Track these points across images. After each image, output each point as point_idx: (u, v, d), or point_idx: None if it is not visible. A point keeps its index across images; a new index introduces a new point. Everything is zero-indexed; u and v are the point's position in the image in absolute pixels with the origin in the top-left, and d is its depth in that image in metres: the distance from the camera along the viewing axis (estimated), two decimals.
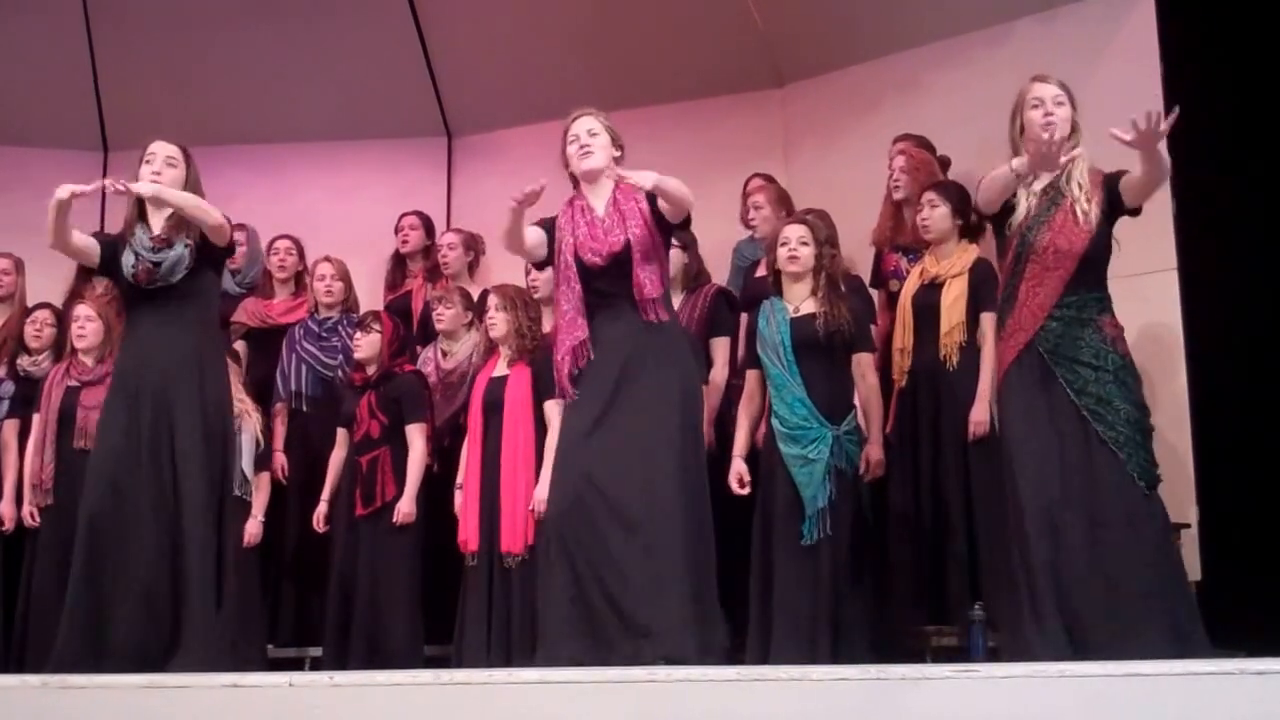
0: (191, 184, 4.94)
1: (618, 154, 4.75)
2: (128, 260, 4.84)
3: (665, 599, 4.32)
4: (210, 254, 4.93)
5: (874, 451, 5.28)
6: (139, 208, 4.96)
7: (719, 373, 5.90)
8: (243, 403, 6.28)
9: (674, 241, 6.12)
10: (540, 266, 5.55)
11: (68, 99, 8.19)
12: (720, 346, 5.96)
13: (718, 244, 6.65)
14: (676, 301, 5.97)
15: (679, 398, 4.58)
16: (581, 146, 4.71)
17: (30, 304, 6.88)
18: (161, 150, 4.95)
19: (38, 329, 6.64)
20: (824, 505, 5.16)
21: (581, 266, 4.65)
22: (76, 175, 7.92)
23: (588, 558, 4.37)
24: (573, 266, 4.66)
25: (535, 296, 6.16)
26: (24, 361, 6.62)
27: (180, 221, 4.88)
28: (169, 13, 7.93)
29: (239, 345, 6.92)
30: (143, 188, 4.82)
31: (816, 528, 5.15)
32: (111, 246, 4.93)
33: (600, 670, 3.35)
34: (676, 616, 4.31)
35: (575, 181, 4.81)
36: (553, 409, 5.52)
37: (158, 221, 4.93)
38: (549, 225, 4.77)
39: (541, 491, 5.33)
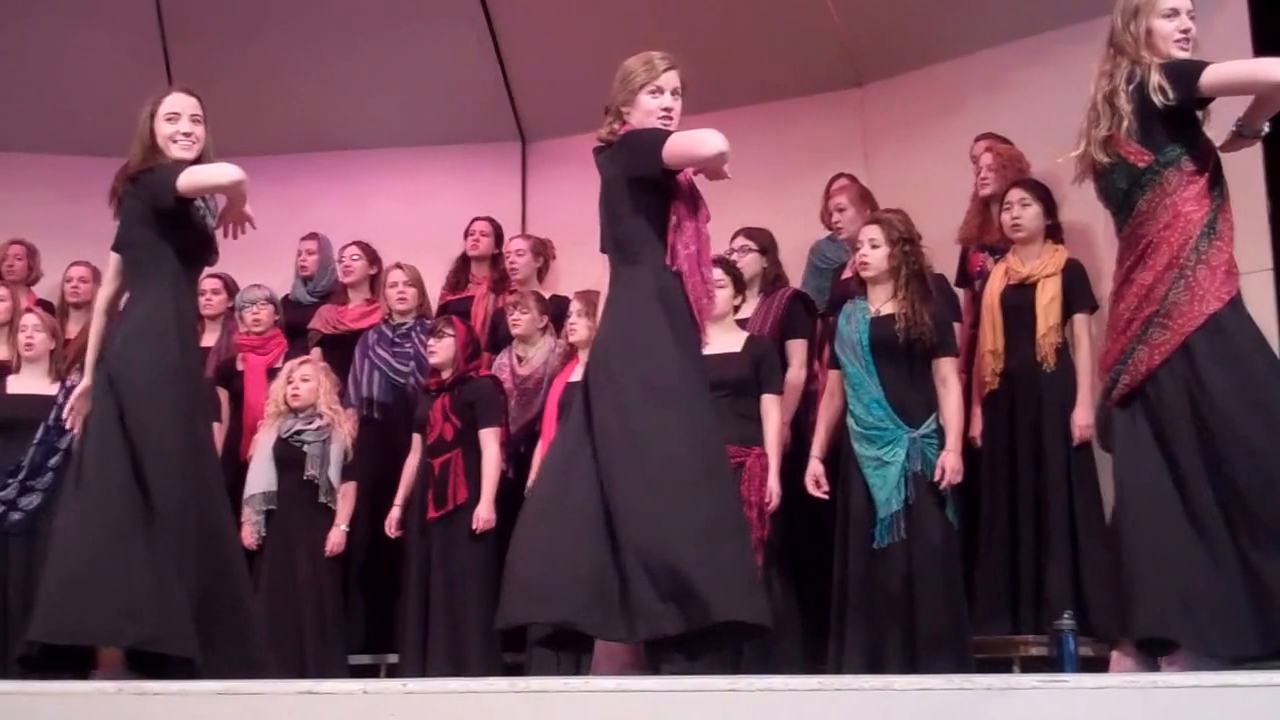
0: (208, 142, 4.58)
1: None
2: (208, 223, 4.53)
3: None
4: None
5: (950, 459, 5.21)
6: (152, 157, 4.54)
7: (796, 375, 5.87)
8: (334, 411, 6.35)
9: (750, 245, 6.12)
10: None
11: (141, 109, 8.29)
12: (797, 349, 5.94)
13: (797, 246, 6.63)
14: (752, 305, 5.97)
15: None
16: (667, 109, 4.26)
17: None
18: (186, 106, 4.53)
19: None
20: (898, 509, 5.13)
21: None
22: None
23: None
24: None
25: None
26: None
27: None
28: (243, 23, 8.03)
29: (315, 352, 6.98)
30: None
31: (889, 532, 5.12)
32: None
33: (679, 680, 3.33)
34: None
35: None
36: None
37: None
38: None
39: None
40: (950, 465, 5.19)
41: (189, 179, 4.34)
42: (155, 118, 4.51)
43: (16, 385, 6.37)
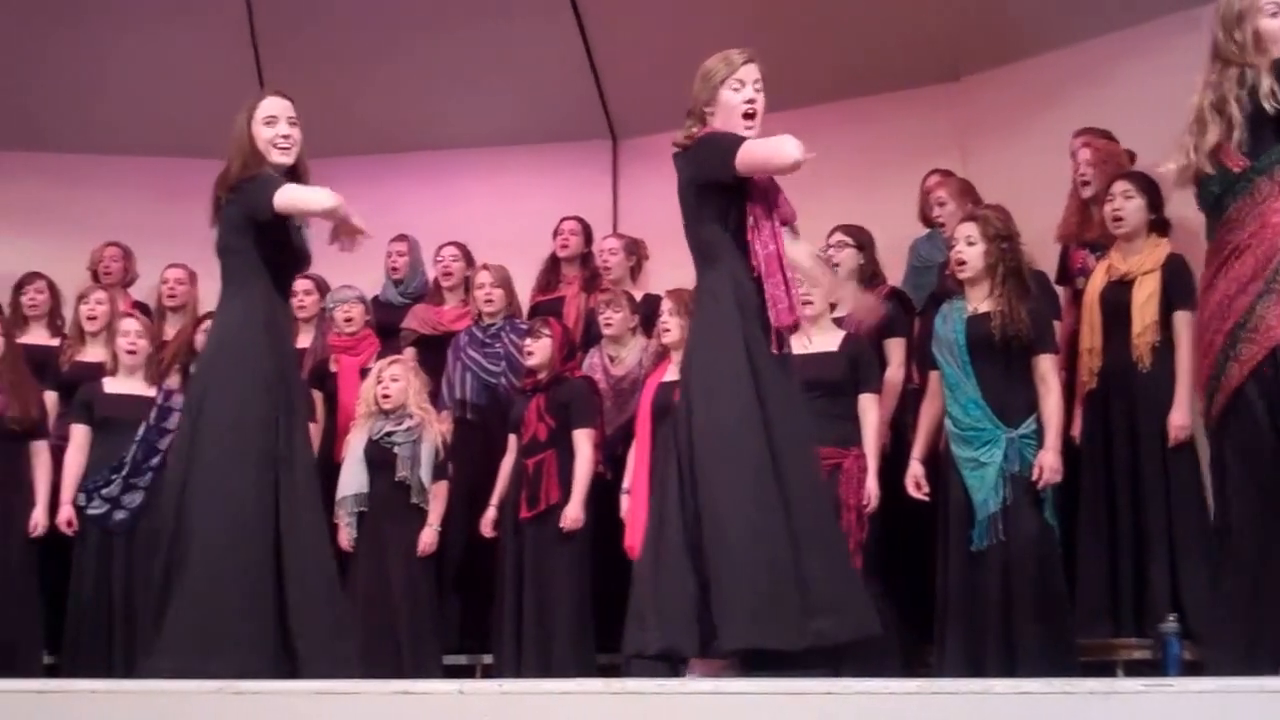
0: (303, 143, 4.60)
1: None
2: (303, 235, 4.57)
3: None
4: None
5: (1048, 458, 5.16)
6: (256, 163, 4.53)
7: (895, 374, 5.86)
8: (424, 411, 6.41)
9: (848, 241, 6.11)
10: None
11: (235, 112, 8.43)
12: (895, 347, 5.93)
13: (893, 243, 6.60)
14: (848, 303, 5.96)
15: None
16: (750, 101, 4.25)
17: (202, 313, 7.12)
18: (282, 109, 4.54)
19: None
20: (995, 510, 5.10)
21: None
22: None
23: None
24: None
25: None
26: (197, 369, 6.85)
27: None
28: (333, 23, 8.13)
29: (408, 352, 7.06)
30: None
31: (987, 533, 5.09)
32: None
33: (777, 682, 3.35)
34: None
35: None
36: None
37: (292, 178, 4.58)
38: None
39: None
40: (1048, 464, 5.15)
41: (285, 198, 4.37)
42: (253, 122, 4.54)
43: (114, 386, 6.53)
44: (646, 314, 6.58)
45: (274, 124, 4.52)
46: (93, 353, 6.86)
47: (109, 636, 6.20)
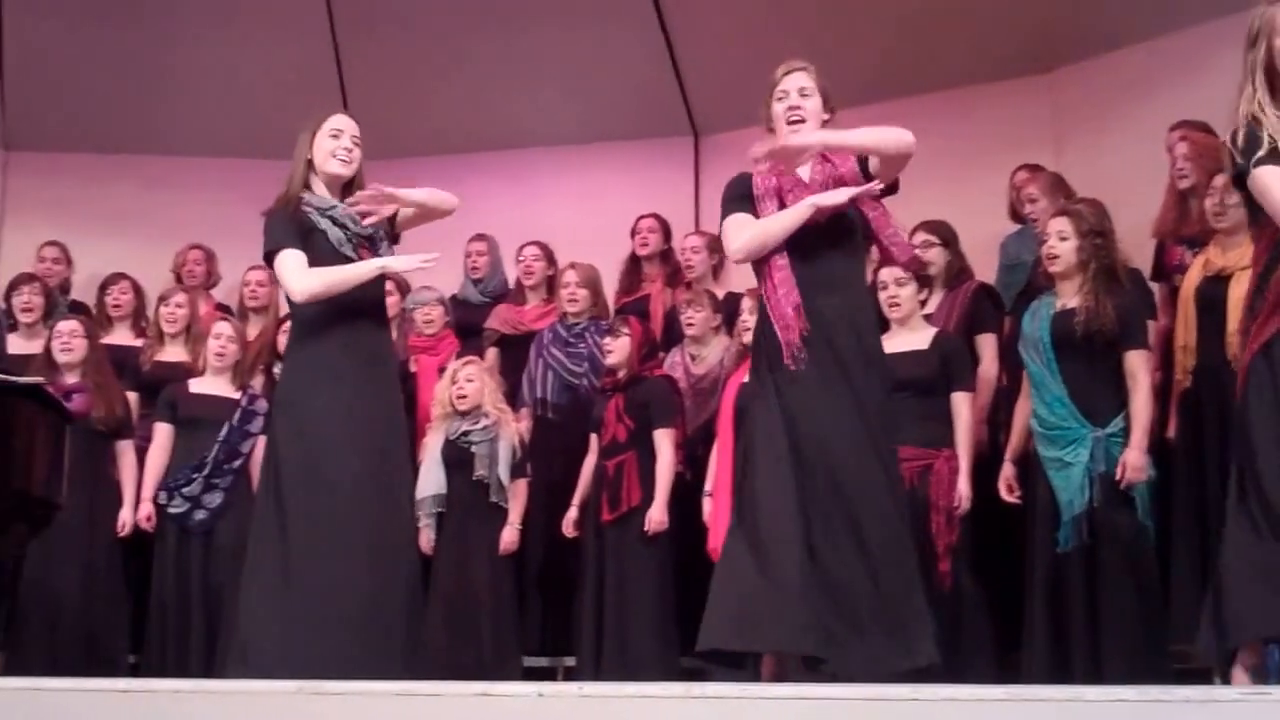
0: (362, 162, 4.68)
1: (827, 116, 4.41)
2: (334, 234, 4.54)
3: None
4: (392, 240, 4.72)
5: (1131, 456, 5.07)
6: (307, 180, 4.61)
7: (987, 370, 5.81)
8: (500, 410, 6.44)
9: (933, 239, 6.08)
10: None
11: (315, 110, 8.52)
12: (987, 344, 5.88)
13: (984, 239, 6.55)
14: (936, 299, 5.92)
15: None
16: (792, 108, 4.36)
17: (283, 314, 7.20)
18: (350, 128, 4.66)
19: None
20: (1080, 512, 5.04)
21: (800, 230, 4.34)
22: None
23: None
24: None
25: None
26: (280, 370, 6.93)
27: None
28: (413, 23, 8.19)
29: (491, 352, 7.09)
30: (411, 194, 4.61)
31: (1072, 535, 5.03)
32: (299, 232, 4.55)
33: (862, 688, 3.33)
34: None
35: None
36: None
37: (347, 194, 4.64)
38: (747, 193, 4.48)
39: None
40: (1131, 463, 5.05)
41: (278, 264, 4.53)
42: (318, 134, 4.64)
43: (199, 386, 6.62)
44: (729, 312, 6.57)
45: (339, 137, 4.63)
46: (172, 353, 6.96)
47: (187, 636, 6.28)
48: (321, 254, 4.53)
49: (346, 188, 4.64)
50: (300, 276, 4.48)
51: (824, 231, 4.30)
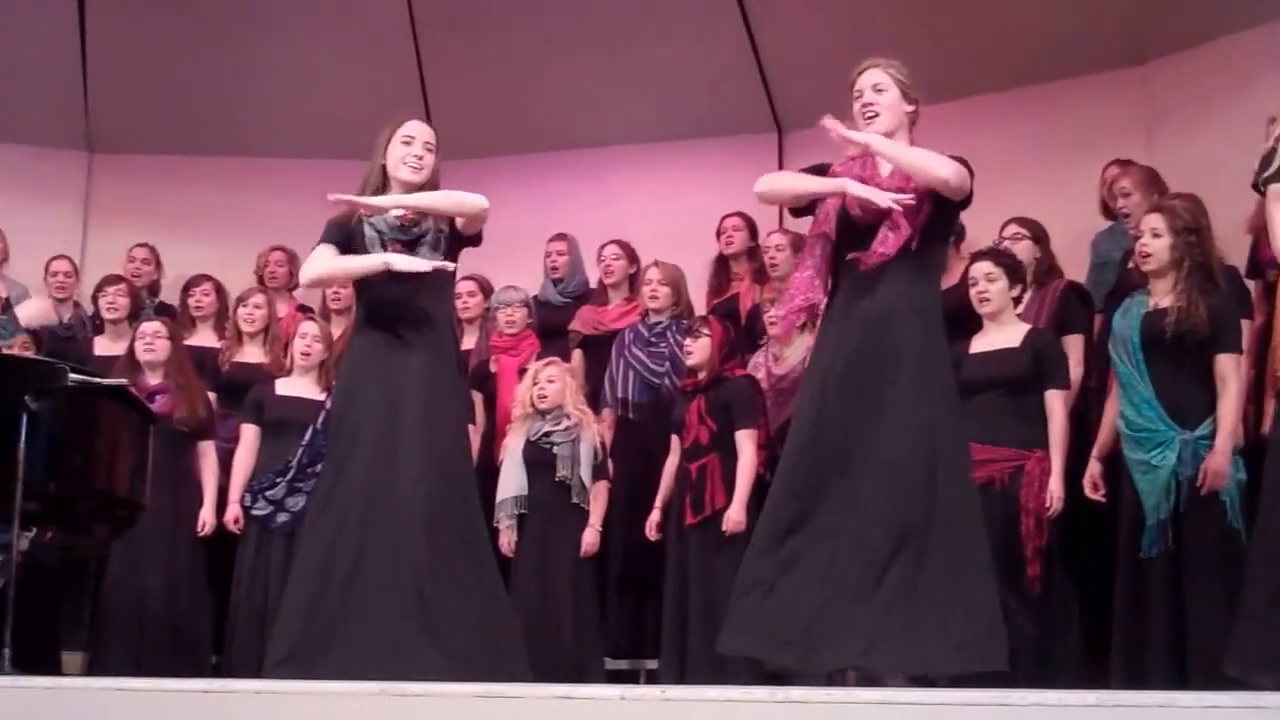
0: (437, 170, 4.78)
1: (910, 108, 4.43)
2: (370, 237, 4.69)
3: None
4: (458, 240, 4.77)
5: (1214, 461, 4.97)
6: (382, 186, 4.75)
7: (1074, 372, 5.74)
8: (582, 412, 6.46)
9: (1023, 233, 6.02)
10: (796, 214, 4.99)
11: (399, 113, 8.55)
12: (1074, 344, 5.81)
13: (1076, 235, 6.49)
14: (1023, 299, 5.87)
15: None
16: (865, 105, 4.41)
17: None
18: (422, 133, 4.76)
19: None
20: (1165, 517, 4.97)
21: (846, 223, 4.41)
22: None
23: None
24: (833, 220, 4.44)
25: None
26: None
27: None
28: (493, 24, 8.24)
29: (575, 354, 7.11)
30: (385, 201, 4.67)
31: (1156, 540, 4.97)
32: (342, 232, 4.76)
33: (947, 693, 3.31)
34: None
35: None
36: None
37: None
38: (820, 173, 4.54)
39: None
40: (1213, 469, 4.96)
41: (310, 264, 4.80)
42: (392, 140, 4.76)
43: (285, 388, 6.68)
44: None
45: (410, 144, 4.75)
46: (251, 354, 7.04)
47: (268, 637, 6.34)
48: (358, 252, 4.73)
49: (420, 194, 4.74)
50: (307, 265, 4.81)
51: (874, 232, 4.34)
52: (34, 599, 5.73)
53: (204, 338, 7.33)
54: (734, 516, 5.99)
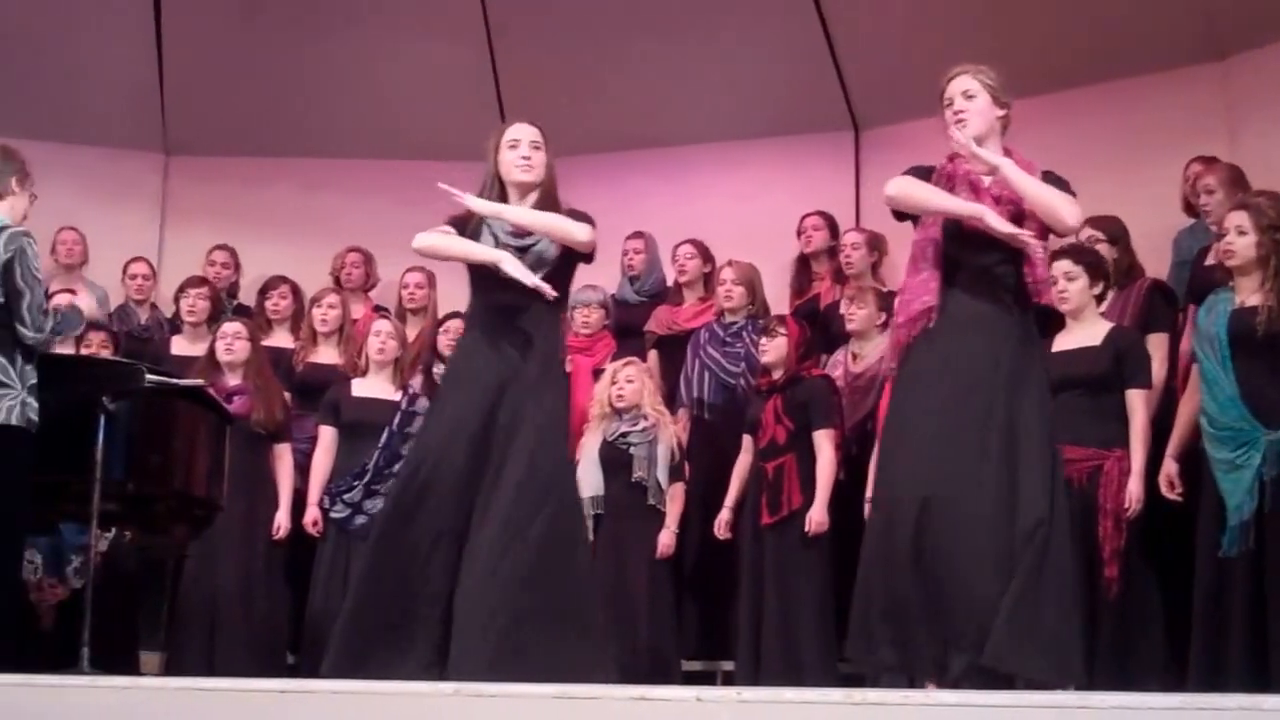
0: (550, 167, 4.79)
1: (1001, 113, 4.46)
2: (485, 241, 4.72)
3: None
4: (569, 258, 4.77)
5: None
6: (500, 190, 4.77)
7: (1157, 372, 5.68)
8: (659, 413, 6.47)
9: (1100, 235, 5.97)
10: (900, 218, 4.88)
11: (473, 114, 8.63)
12: (1158, 344, 5.74)
13: (1152, 234, 6.41)
14: (1106, 298, 5.82)
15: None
16: (956, 112, 4.44)
17: (442, 315, 7.32)
18: (527, 134, 4.77)
19: (451, 339, 7.03)
20: (1248, 517, 4.90)
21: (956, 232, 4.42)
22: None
23: None
24: (940, 224, 4.45)
25: None
26: (440, 370, 7.03)
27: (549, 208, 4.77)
28: (568, 23, 8.26)
29: (651, 354, 7.12)
30: (478, 205, 4.68)
31: (1238, 540, 4.91)
32: (460, 227, 4.80)
33: (1026, 695, 3.29)
34: None
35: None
36: None
37: (540, 199, 4.77)
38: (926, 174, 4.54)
39: None
40: None
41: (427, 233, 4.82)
42: (499, 147, 4.79)
43: (361, 389, 6.74)
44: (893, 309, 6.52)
45: (517, 146, 4.76)
46: (325, 354, 7.11)
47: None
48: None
49: (536, 192, 4.76)
50: (424, 233, 4.80)
51: (984, 243, 4.36)
52: (112, 599, 5.83)
53: (280, 339, 7.40)
54: (816, 517, 6.00)
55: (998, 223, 4.30)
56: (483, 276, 4.71)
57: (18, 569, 5.05)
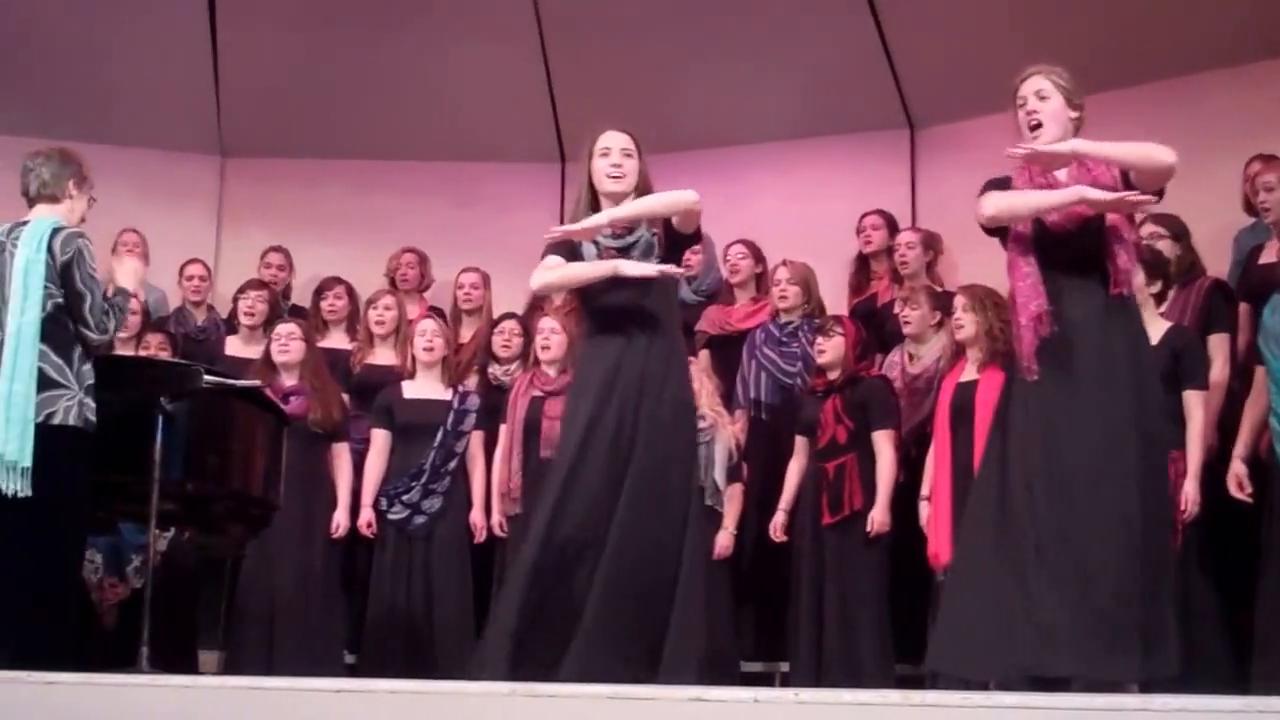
0: (643, 173, 4.79)
1: (1075, 115, 4.46)
2: (589, 253, 4.72)
3: None
4: (676, 241, 4.76)
5: None
6: (591, 199, 4.77)
7: (1219, 372, 5.64)
8: (717, 413, 6.46)
9: (1162, 231, 5.93)
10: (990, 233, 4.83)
11: (526, 115, 8.67)
12: (1219, 344, 5.70)
13: (1216, 232, 6.36)
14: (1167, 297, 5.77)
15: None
16: (1029, 112, 4.44)
17: (497, 315, 7.35)
18: (617, 142, 4.78)
19: (506, 339, 7.09)
20: None
21: (1040, 233, 4.41)
22: (536, 188, 8.52)
23: None
24: (1030, 226, 4.43)
25: None
26: (495, 370, 7.08)
27: None
28: (621, 24, 8.26)
29: (702, 354, 7.12)
30: (582, 226, 4.64)
31: None
32: (566, 248, 4.77)
33: (1088, 698, 3.26)
34: None
35: None
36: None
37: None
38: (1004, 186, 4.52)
39: None
40: None
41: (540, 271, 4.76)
42: (591, 156, 4.80)
43: (412, 391, 6.78)
44: (949, 310, 6.48)
45: (608, 154, 4.77)
46: (382, 355, 7.14)
47: (408, 638, 6.44)
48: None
49: (629, 200, 4.74)
50: (537, 272, 4.75)
51: (1071, 238, 4.35)
52: (171, 598, 5.87)
53: (336, 340, 7.44)
54: (879, 518, 6.00)
55: (1097, 195, 4.26)
56: (596, 289, 4.70)
57: (78, 568, 5.11)
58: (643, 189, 4.76)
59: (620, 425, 4.54)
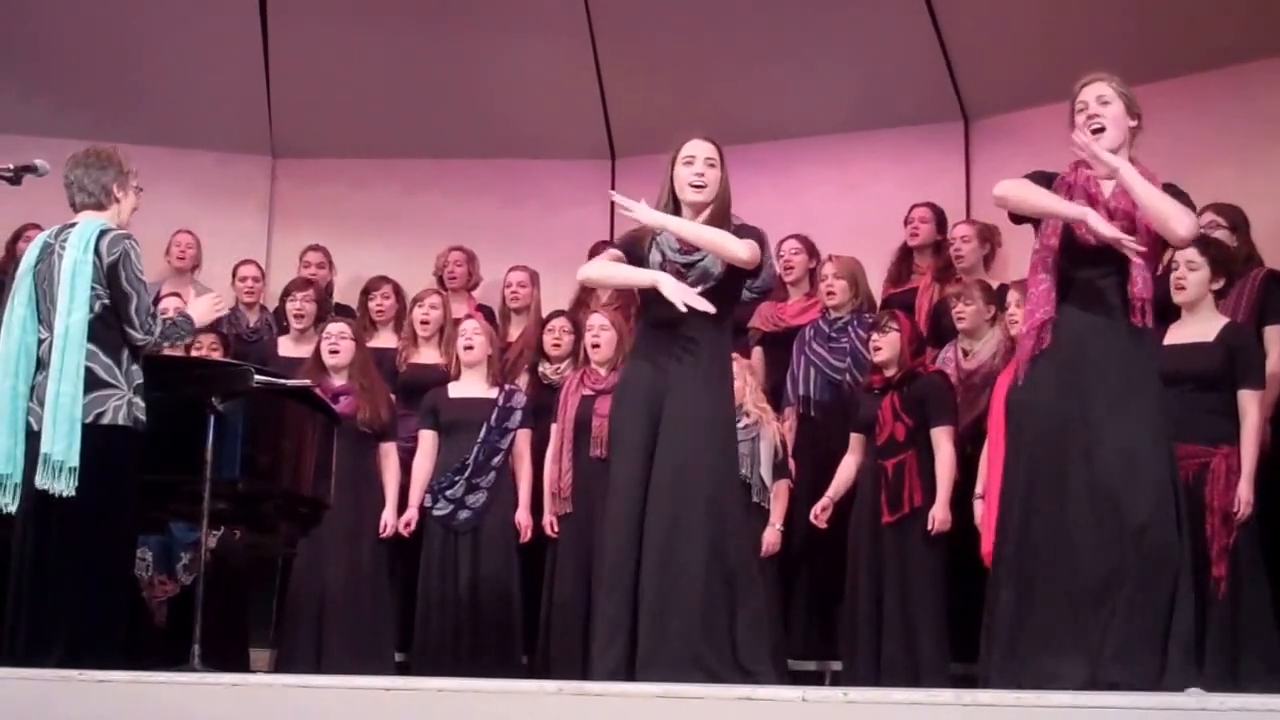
0: (724, 183, 4.77)
1: (1133, 123, 4.45)
2: (654, 259, 4.73)
3: None
4: (735, 273, 4.74)
5: None
6: (674, 206, 4.75)
7: (1276, 365, 5.57)
8: (762, 410, 6.45)
9: (1221, 221, 5.87)
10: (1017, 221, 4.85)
11: (576, 112, 8.69)
12: (1274, 335, 5.63)
13: (1273, 224, 6.28)
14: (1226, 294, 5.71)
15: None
16: (1090, 116, 4.43)
17: (546, 314, 7.36)
18: (702, 151, 4.75)
19: (556, 337, 7.09)
20: None
21: (1069, 243, 4.41)
22: (586, 185, 8.54)
23: None
24: (1059, 235, 4.43)
25: None
26: (545, 369, 7.09)
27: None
28: (673, 17, 8.26)
29: (755, 351, 7.10)
30: (645, 215, 4.63)
31: None
32: (632, 245, 4.80)
33: (1142, 696, 3.25)
34: None
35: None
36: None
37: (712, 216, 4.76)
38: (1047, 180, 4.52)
39: None
40: None
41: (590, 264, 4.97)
42: (675, 163, 4.78)
43: (457, 390, 6.82)
44: (1004, 305, 6.44)
45: (691, 163, 4.76)
46: (427, 354, 7.17)
47: (456, 634, 6.48)
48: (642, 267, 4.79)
49: (709, 210, 4.75)
50: (588, 264, 4.97)
51: (1096, 255, 4.37)
52: (223, 597, 5.93)
53: (384, 339, 7.47)
54: (940, 515, 5.98)
55: (1100, 225, 4.28)
56: (651, 296, 4.70)
57: (129, 567, 5.16)
58: (723, 199, 4.76)
59: (650, 441, 4.60)
